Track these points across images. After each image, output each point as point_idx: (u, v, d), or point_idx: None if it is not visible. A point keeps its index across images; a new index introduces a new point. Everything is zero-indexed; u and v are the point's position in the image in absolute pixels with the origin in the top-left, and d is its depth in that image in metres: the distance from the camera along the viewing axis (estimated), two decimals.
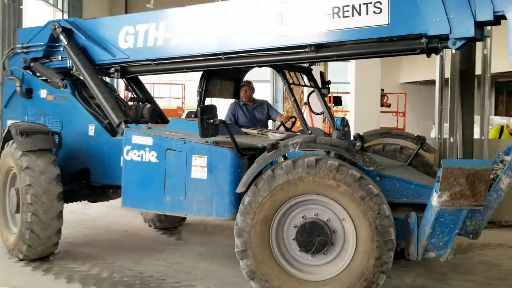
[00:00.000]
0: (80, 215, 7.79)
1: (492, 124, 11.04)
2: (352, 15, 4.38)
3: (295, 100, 6.20)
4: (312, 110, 6.79)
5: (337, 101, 8.52)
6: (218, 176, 4.64)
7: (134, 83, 6.77)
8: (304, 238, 4.21)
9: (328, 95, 6.49)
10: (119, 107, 5.68)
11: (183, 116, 11.07)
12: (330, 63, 28.48)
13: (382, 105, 13.11)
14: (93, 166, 5.88)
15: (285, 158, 4.49)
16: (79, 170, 5.94)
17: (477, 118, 8.32)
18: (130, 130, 5.27)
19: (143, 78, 6.98)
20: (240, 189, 4.34)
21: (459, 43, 4.12)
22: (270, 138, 5.52)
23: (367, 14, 4.32)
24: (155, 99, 7.51)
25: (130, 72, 6.05)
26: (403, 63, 23.42)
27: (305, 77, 6.55)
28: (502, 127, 11.09)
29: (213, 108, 4.50)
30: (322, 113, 6.41)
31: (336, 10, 4.45)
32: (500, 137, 10.84)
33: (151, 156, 5.05)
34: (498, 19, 4.02)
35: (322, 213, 4.24)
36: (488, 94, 7.74)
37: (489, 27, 7.59)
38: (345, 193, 4.07)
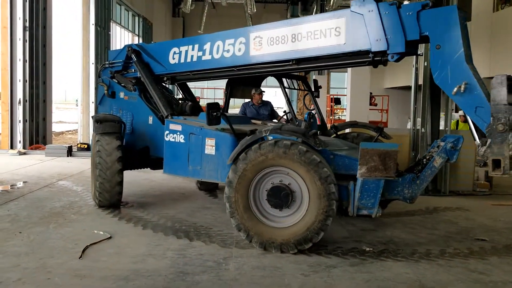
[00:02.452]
0: (150, 182, 7.93)
1: (453, 118, 10.77)
2: (320, 37, 4.44)
3: (288, 100, 6.50)
4: (307, 107, 6.87)
5: (337, 101, 8.52)
6: (222, 152, 4.86)
7: (183, 87, 7.00)
8: (273, 199, 4.35)
9: (319, 97, 6.57)
10: (168, 104, 5.87)
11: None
12: (332, 73, 28.21)
13: (370, 104, 12.92)
14: (151, 145, 6.16)
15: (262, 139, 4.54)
16: (143, 147, 6.20)
17: (442, 114, 8.16)
18: (169, 119, 5.56)
19: (196, 84, 7.18)
20: (228, 161, 4.53)
21: (396, 57, 4.11)
22: (268, 126, 5.57)
23: (330, 36, 4.38)
24: (204, 100, 7.67)
25: (177, 80, 6.20)
26: (387, 73, 23.03)
27: (300, 83, 6.66)
28: (457, 121, 10.74)
29: (217, 105, 4.75)
30: (314, 109, 6.45)
31: (309, 34, 4.51)
32: (456, 128, 10.53)
33: (180, 138, 5.34)
34: (424, 38, 4.02)
35: (274, 179, 4.38)
36: None
37: None
38: (286, 157, 4.20)
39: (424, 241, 4.87)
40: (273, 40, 4.74)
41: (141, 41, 20.83)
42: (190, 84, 7.10)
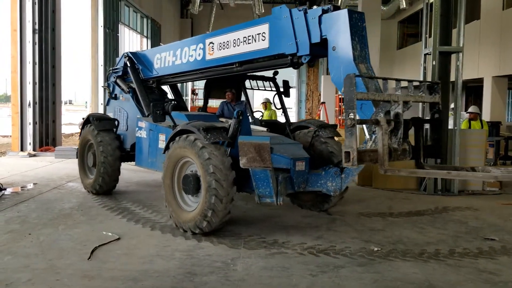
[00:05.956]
0: (157, 182, 7.84)
1: (462, 118, 10.58)
2: (252, 42, 4.83)
3: (247, 100, 7.11)
4: (275, 107, 6.98)
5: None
6: None
7: (172, 88, 7.62)
8: (184, 186, 4.91)
9: (289, 97, 6.87)
10: (151, 104, 6.22)
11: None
12: None
13: None
14: None
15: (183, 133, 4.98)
16: (133, 142, 6.70)
17: (450, 113, 8.10)
18: (139, 117, 6.37)
19: (200, 85, 7.43)
20: (163, 152, 5.20)
21: (307, 58, 4.42)
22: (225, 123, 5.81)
23: (258, 40, 4.76)
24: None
25: (161, 83, 6.66)
26: (395, 72, 22.88)
27: (267, 83, 6.95)
28: (469, 120, 10.50)
29: (162, 104, 5.31)
30: (280, 108, 6.66)
31: (245, 39, 4.91)
32: (469, 127, 10.34)
33: (144, 134, 6.21)
34: (324, 40, 4.26)
35: (190, 168, 4.92)
36: (459, 95, 7.51)
37: (461, 44, 7.35)
38: (188, 150, 4.70)
39: (433, 241, 4.84)
40: (221, 45, 5.19)
41: (149, 42, 20.94)
42: (198, 85, 7.33)
